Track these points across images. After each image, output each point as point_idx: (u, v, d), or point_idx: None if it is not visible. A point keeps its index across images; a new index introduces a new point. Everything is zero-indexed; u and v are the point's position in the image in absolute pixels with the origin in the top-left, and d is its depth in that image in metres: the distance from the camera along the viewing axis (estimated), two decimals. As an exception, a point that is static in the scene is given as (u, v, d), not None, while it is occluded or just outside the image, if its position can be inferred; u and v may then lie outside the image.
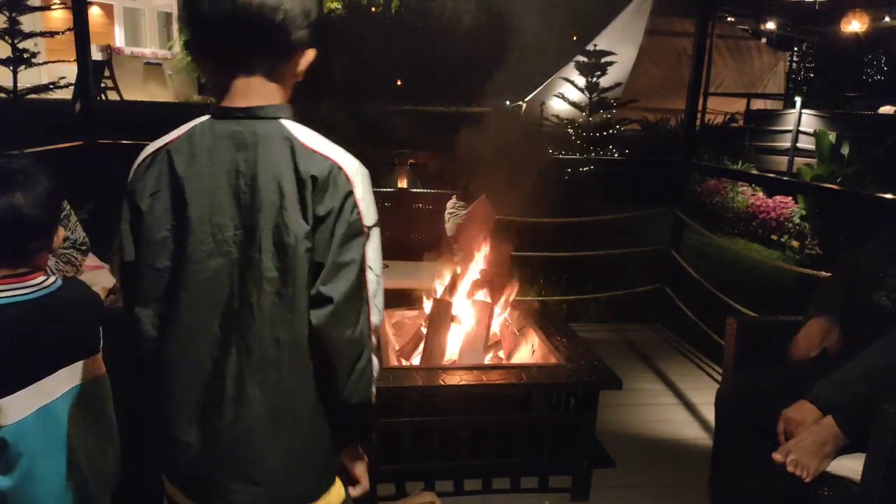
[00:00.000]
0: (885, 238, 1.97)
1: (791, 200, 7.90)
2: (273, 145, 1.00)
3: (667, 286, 4.07)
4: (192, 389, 1.01)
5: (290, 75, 1.06)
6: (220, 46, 1.01)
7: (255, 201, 0.99)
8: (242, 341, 0.99)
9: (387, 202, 3.75)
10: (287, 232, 0.98)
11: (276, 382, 1.01)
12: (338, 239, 0.99)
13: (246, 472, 1.02)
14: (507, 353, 2.58)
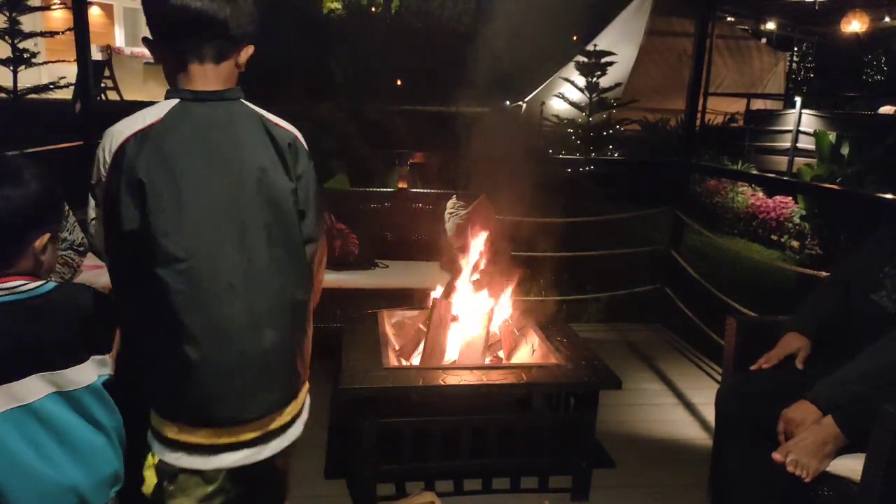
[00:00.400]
0: (884, 238, 1.97)
1: (791, 200, 7.91)
2: (246, 121, 1.26)
3: (667, 286, 4.07)
4: (221, 326, 1.21)
5: (234, 65, 1.27)
6: (176, 37, 1.21)
7: (242, 169, 1.23)
8: (253, 281, 1.23)
9: (387, 202, 3.75)
10: (276, 189, 1.25)
11: (287, 312, 1.31)
12: (312, 193, 1.33)
13: (269, 381, 1.29)
14: (507, 353, 2.58)
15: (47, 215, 1.26)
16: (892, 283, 1.84)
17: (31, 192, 1.21)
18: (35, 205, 1.22)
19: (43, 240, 1.24)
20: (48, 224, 1.26)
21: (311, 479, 2.31)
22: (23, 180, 1.21)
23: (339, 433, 2.59)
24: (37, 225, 1.23)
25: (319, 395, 2.91)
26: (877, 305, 1.85)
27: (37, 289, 1.21)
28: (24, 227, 1.21)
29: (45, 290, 1.22)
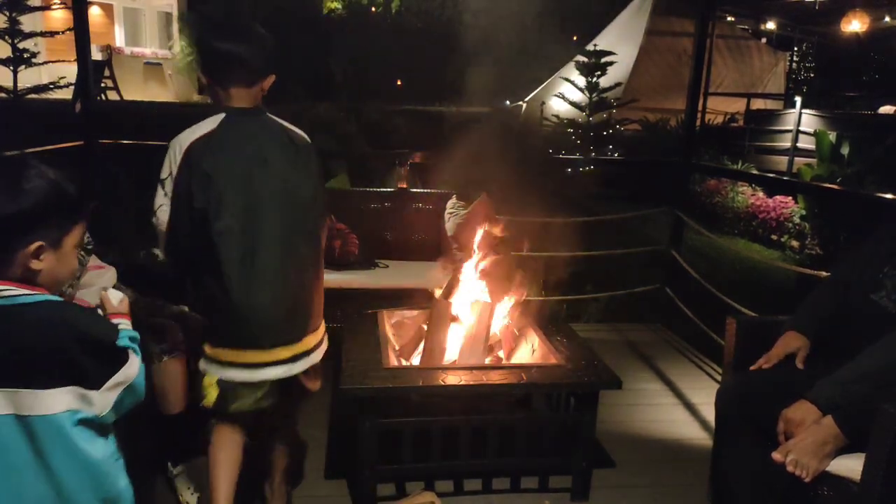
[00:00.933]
0: (884, 238, 1.97)
1: (791, 200, 7.90)
2: (272, 129, 1.77)
3: (667, 286, 4.07)
4: (259, 276, 1.68)
5: (260, 90, 1.77)
6: (224, 70, 1.72)
7: (273, 162, 1.71)
8: (283, 243, 1.71)
9: (387, 202, 3.75)
10: (296, 176, 1.75)
11: (305, 270, 1.79)
12: (320, 182, 1.88)
13: (296, 317, 1.78)
14: (507, 353, 2.58)
15: (40, 222, 1.19)
16: (892, 283, 1.84)
17: (24, 197, 1.17)
18: (26, 211, 1.17)
19: (30, 248, 1.18)
20: (40, 231, 1.19)
21: (311, 479, 2.31)
22: (16, 185, 1.17)
23: (339, 433, 2.59)
24: (25, 232, 1.17)
25: (320, 394, 2.91)
26: (877, 305, 1.85)
27: (20, 297, 1.16)
28: (11, 234, 1.17)
29: (28, 300, 1.16)
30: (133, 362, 1.25)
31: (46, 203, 1.19)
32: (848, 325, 1.91)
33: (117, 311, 1.38)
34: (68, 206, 1.24)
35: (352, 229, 3.46)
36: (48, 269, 1.22)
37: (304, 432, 2.60)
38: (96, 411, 1.19)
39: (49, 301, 1.19)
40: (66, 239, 1.24)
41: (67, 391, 1.16)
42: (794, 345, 1.95)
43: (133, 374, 1.24)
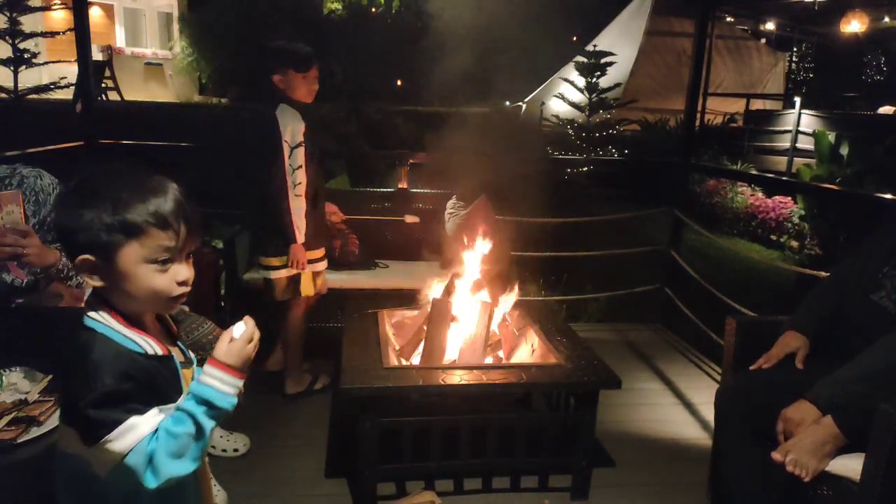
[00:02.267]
0: (883, 238, 1.97)
1: (790, 200, 7.91)
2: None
3: (666, 286, 4.07)
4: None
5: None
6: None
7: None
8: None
9: (387, 202, 3.75)
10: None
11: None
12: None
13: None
14: (507, 353, 2.58)
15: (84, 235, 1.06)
16: (891, 283, 1.84)
17: (86, 205, 1.06)
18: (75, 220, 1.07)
19: (79, 258, 1.08)
20: (85, 246, 1.06)
21: (311, 478, 2.32)
22: (90, 191, 1.08)
23: (339, 433, 2.59)
24: (74, 245, 1.08)
25: (319, 394, 2.92)
26: (877, 305, 1.85)
27: (84, 317, 1.09)
28: (65, 238, 1.09)
29: (85, 322, 1.09)
30: (123, 439, 1.00)
31: (90, 213, 1.07)
32: (848, 325, 1.92)
33: (220, 358, 1.09)
34: (118, 216, 1.08)
35: (352, 229, 3.46)
36: (113, 286, 1.11)
37: (305, 432, 2.60)
38: (95, 470, 1.04)
39: (91, 331, 1.08)
40: (118, 254, 1.11)
41: (71, 431, 1.04)
42: (793, 345, 1.95)
43: (121, 453, 1.01)
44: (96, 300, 1.10)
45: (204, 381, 1.07)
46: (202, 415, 1.05)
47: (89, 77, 3.65)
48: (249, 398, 2.07)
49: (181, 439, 1.03)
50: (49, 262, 1.84)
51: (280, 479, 2.29)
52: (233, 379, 1.08)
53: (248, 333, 1.11)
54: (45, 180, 1.96)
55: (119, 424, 1.00)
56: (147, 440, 1.01)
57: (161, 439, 1.02)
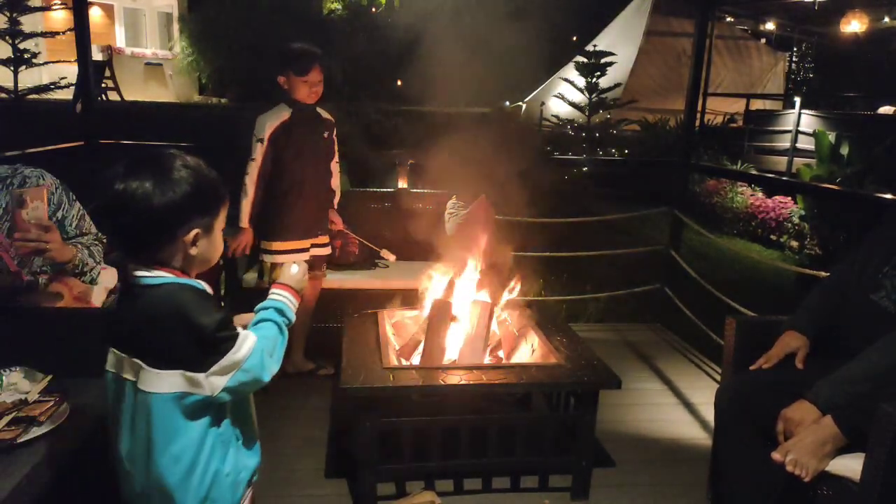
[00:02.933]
0: (883, 238, 1.97)
1: (790, 200, 7.91)
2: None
3: (666, 286, 4.07)
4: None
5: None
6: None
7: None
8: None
9: (387, 202, 3.75)
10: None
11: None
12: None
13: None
14: (507, 353, 2.58)
15: (195, 210, 1.25)
16: (891, 283, 1.84)
17: (180, 186, 1.22)
18: (182, 200, 1.22)
19: (191, 234, 1.25)
20: (196, 218, 1.25)
21: (311, 479, 2.32)
22: (170, 175, 1.22)
23: (339, 433, 2.59)
24: (183, 221, 1.24)
25: (320, 394, 2.92)
26: (877, 305, 1.85)
27: (147, 279, 1.23)
28: (168, 222, 1.23)
29: (150, 282, 1.23)
30: (243, 346, 1.24)
31: (198, 190, 1.25)
32: (848, 325, 1.92)
33: (283, 282, 1.44)
34: (214, 191, 1.29)
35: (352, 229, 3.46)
36: (202, 253, 1.29)
37: (305, 432, 2.60)
38: (206, 393, 1.23)
39: (170, 284, 1.24)
40: (215, 223, 1.31)
41: (174, 374, 1.21)
42: (793, 344, 1.95)
43: (242, 358, 1.24)
44: (147, 268, 1.25)
45: (276, 298, 1.41)
46: (282, 321, 1.37)
47: (89, 77, 3.64)
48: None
49: (274, 339, 1.33)
50: (67, 258, 1.88)
51: (280, 479, 2.29)
52: (294, 298, 1.43)
53: (303, 269, 1.49)
54: (46, 180, 1.97)
55: (237, 338, 1.24)
56: (259, 344, 1.27)
57: (261, 341, 1.29)
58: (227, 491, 1.31)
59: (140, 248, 1.24)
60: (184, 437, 1.25)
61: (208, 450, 1.27)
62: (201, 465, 1.26)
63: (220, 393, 1.24)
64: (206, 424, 1.27)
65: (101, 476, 1.39)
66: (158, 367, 1.21)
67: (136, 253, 1.25)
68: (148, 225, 1.22)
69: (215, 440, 1.29)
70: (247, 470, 1.36)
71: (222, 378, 1.23)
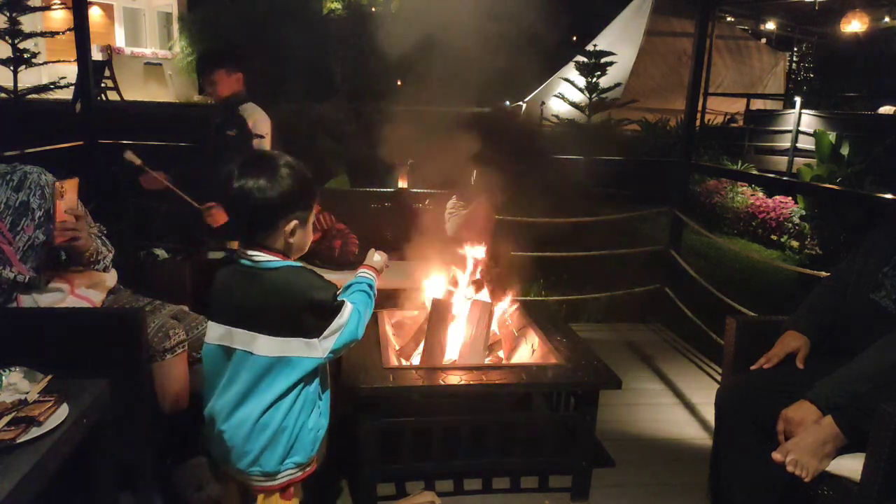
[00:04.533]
0: (883, 238, 1.97)
1: (791, 200, 7.91)
2: None
3: (666, 286, 4.07)
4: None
5: None
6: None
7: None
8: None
9: (387, 202, 3.75)
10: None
11: None
12: None
13: None
14: (507, 353, 2.58)
15: (295, 204, 1.48)
16: (891, 283, 1.84)
17: (284, 184, 1.44)
18: (286, 196, 1.44)
19: (291, 225, 1.47)
20: (296, 212, 1.48)
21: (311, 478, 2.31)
22: (277, 174, 1.45)
23: (339, 433, 2.59)
24: (286, 214, 1.46)
25: (319, 394, 2.92)
26: (877, 305, 1.85)
27: (266, 262, 1.46)
28: (275, 214, 1.46)
29: (271, 265, 1.46)
30: (345, 311, 1.49)
31: (298, 188, 1.47)
32: (848, 325, 1.92)
33: (369, 264, 1.73)
34: (310, 188, 1.51)
35: (352, 229, 3.46)
36: (297, 242, 1.52)
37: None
38: (318, 355, 1.47)
39: (287, 267, 1.48)
40: (309, 216, 1.53)
41: (293, 341, 1.45)
42: (794, 344, 1.95)
43: (345, 321, 1.49)
44: (256, 250, 1.47)
45: (364, 275, 1.70)
46: (370, 290, 1.65)
47: (89, 77, 3.64)
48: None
49: (365, 304, 1.59)
50: (90, 247, 1.97)
51: (280, 480, 2.29)
52: (375, 276, 1.72)
53: (384, 258, 1.77)
54: (47, 177, 1.97)
55: (343, 304, 1.51)
56: (355, 307, 1.53)
57: (358, 304, 1.56)
58: (309, 445, 1.52)
59: (255, 234, 1.47)
60: (286, 396, 1.46)
61: (300, 406, 1.49)
62: (293, 420, 1.48)
63: (328, 354, 1.48)
64: (301, 384, 1.48)
65: (101, 476, 1.38)
66: (282, 335, 1.44)
67: (252, 238, 1.48)
68: (261, 215, 1.45)
69: (306, 399, 1.50)
70: (323, 428, 1.56)
71: (331, 340, 1.47)
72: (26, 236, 1.88)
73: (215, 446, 1.54)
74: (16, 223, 1.86)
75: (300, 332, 1.45)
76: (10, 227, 1.86)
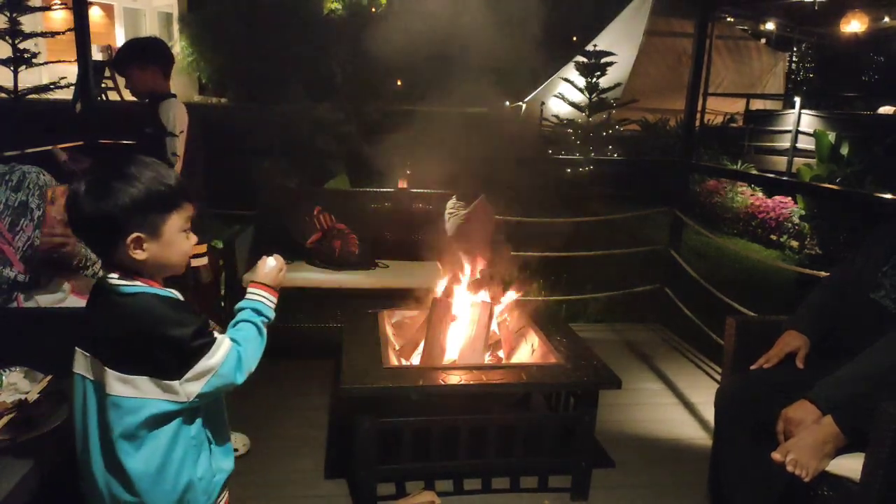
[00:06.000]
0: (883, 237, 1.97)
1: (790, 200, 7.91)
2: None
3: (666, 286, 4.07)
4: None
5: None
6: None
7: None
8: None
9: (387, 202, 3.75)
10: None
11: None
12: None
13: None
14: (507, 353, 2.58)
15: (135, 212, 1.22)
16: (891, 282, 1.84)
17: (119, 187, 1.21)
18: (119, 206, 1.20)
19: (130, 237, 1.22)
20: (135, 223, 1.22)
21: (311, 479, 2.32)
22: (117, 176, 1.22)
23: (339, 433, 2.59)
24: (121, 223, 1.21)
25: (320, 394, 2.92)
26: (877, 305, 1.85)
27: (119, 286, 1.24)
28: (107, 227, 1.22)
29: (123, 290, 1.24)
30: (217, 352, 1.25)
31: (139, 191, 1.22)
32: (848, 325, 1.92)
33: (260, 280, 1.41)
34: (161, 194, 1.25)
35: (352, 229, 3.46)
36: (152, 257, 1.25)
37: (304, 433, 2.60)
38: (180, 399, 1.23)
39: (142, 294, 1.24)
40: (164, 227, 1.26)
41: (146, 380, 1.21)
42: (794, 344, 1.95)
43: (216, 363, 1.24)
44: (124, 275, 1.25)
45: (253, 297, 1.39)
46: (259, 322, 1.36)
47: (89, 77, 3.64)
48: (248, 400, 2.08)
49: (253, 341, 1.33)
50: (78, 253, 1.96)
51: (279, 480, 2.29)
52: (272, 296, 1.41)
53: (279, 264, 1.44)
54: (46, 177, 1.98)
55: (213, 344, 1.25)
56: (234, 346, 1.29)
57: (241, 344, 1.30)
58: (202, 496, 1.31)
59: (99, 252, 1.26)
60: (153, 442, 1.23)
61: (180, 454, 1.26)
62: (172, 470, 1.25)
63: (193, 399, 1.24)
64: (175, 429, 1.26)
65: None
66: (130, 373, 1.21)
67: (102, 256, 1.27)
68: (89, 224, 1.22)
69: (187, 444, 1.28)
70: (222, 472, 1.36)
71: (196, 384, 1.23)
72: (26, 236, 1.89)
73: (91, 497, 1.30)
74: (15, 223, 1.86)
75: (152, 372, 1.21)
76: (10, 228, 1.86)
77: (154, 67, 2.80)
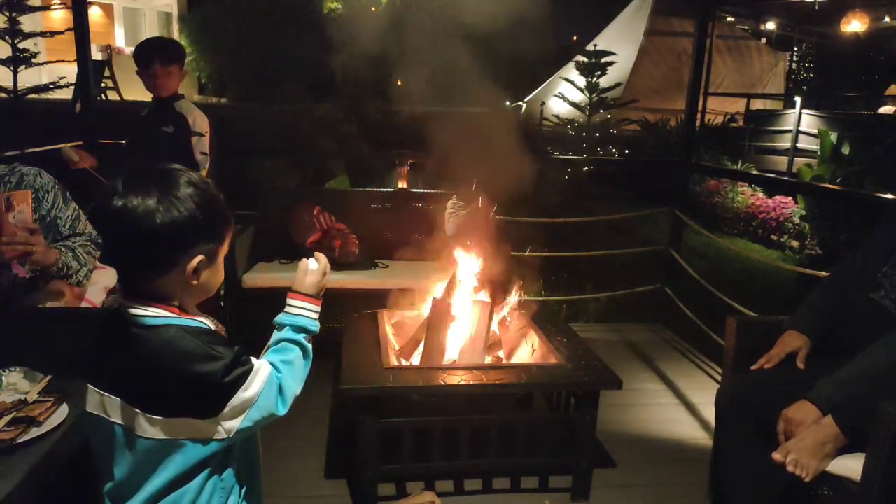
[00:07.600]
0: (883, 237, 1.97)
1: (791, 200, 7.91)
2: None
3: (667, 286, 4.07)
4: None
5: None
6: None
7: None
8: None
9: (387, 202, 3.75)
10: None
11: None
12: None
13: None
14: (507, 353, 2.58)
15: (201, 234, 1.11)
16: (891, 282, 1.84)
17: (184, 205, 1.08)
18: (185, 220, 1.07)
19: (195, 261, 1.10)
20: (201, 244, 1.11)
21: (311, 479, 2.31)
22: (175, 191, 1.08)
23: (339, 433, 2.59)
24: (187, 245, 1.09)
25: (319, 394, 2.92)
26: (877, 304, 1.85)
27: (144, 318, 1.10)
28: (170, 247, 1.09)
29: (148, 322, 1.10)
30: (253, 384, 1.11)
31: (205, 211, 1.10)
32: (848, 325, 1.92)
33: (303, 291, 1.27)
34: (220, 213, 1.15)
35: (352, 229, 3.46)
36: (203, 284, 1.15)
37: (304, 432, 2.60)
38: (219, 437, 1.11)
39: (167, 326, 1.10)
40: (220, 250, 1.17)
41: (179, 421, 1.09)
42: (794, 344, 1.95)
43: (253, 396, 1.11)
44: (145, 303, 1.11)
45: (294, 312, 1.26)
46: (303, 340, 1.25)
47: (89, 77, 3.64)
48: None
49: (296, 363, 1.21)
50: (51, 261, 1.85)
51: (280, 480, 2.29)
52: (315, 307, 1.29)
53: (322, 266, 1.29)
54: (44, 178, 1.97)
55: (249, 373, 1.11)
56: (273, 373, 1.15)
57: (282, 369, 1.18)
58: None
59: (139, 276, 1.10)
60: (183, 486, 1.12)
61: (207, 497, 1.15)
62: None
63: (233, 435, 1.11)
64: (207, 471, 1.14)
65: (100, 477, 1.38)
66: (160, 415, 1.08)
67: (133, 281, 1.11)
68: (149, 248, 1.07)
69: (214, 488, 1.16)
70: None
71: (235, 421, 1.10)
72: None
73: None
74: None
75: (186, 412, 1.08)
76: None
77: (183, 69, 2.95)
